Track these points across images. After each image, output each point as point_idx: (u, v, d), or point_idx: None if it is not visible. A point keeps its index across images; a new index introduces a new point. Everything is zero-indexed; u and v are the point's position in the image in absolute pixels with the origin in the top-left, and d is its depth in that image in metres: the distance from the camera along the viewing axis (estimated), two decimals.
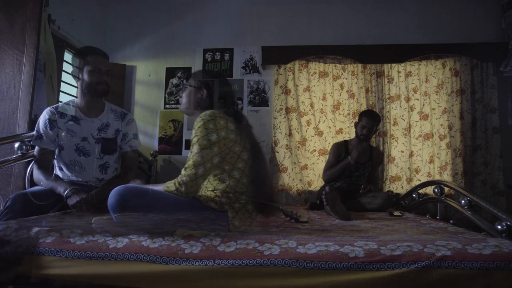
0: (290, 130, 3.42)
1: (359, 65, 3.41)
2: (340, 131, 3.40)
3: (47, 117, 1.70)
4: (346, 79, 3.43)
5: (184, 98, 1.68)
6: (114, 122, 1.83)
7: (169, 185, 1.43)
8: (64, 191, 1.56)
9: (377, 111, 3.23)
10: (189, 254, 1.25)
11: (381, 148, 3.34)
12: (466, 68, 3.29)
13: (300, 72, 3.47)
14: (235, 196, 1.49)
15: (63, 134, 1.71)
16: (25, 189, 1.91)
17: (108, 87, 1.78)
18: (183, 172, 1.42)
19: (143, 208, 1.37)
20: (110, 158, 1.80)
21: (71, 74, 1.79)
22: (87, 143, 1.74)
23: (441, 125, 3.31)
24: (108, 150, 1.78)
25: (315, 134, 3.41)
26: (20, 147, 1.84)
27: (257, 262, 1.21)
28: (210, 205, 1.45)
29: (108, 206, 1.37)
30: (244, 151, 1.52)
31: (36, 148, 1.71)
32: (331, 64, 3.45)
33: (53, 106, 1.77)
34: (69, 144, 1.71)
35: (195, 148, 1.43)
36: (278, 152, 3.39)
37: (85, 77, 1.71)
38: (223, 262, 1.22)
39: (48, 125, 1.68)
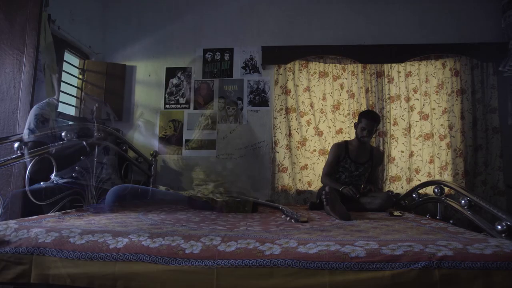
0: (290, 130, 3.41)
1: (359, 65, 3.41)
2: (340, 131, 3.40)
3: (36, 112, 1.64)
4: (346, 79, 3.43)
5: None
6: None
7: None
8: None
9: (377, 111, 3.22)
10: (189, 254, 1.25)
11: (381, 148, 3.33)
12: (466, 68, 3.29)
13: (300, 72, 3.47)
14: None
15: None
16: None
17: None
18: None
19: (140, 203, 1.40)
20: None
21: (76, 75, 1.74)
22: None
23: (441, 125, 3.31)
24: None
25: (315, 134, 3.41)
26: (20, 147, 1.84)
27: (258, 262, 1.20)
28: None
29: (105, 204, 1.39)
30: None
31: (30, 142, 1.61)
32: (331, 64, 3.45)
33: (39, 103, 1.71)
34: None
35: None
36: (278, 152, 3.39)
37: None
38: (223, 262, 1.22)
39: (38, 120, 1.61)
